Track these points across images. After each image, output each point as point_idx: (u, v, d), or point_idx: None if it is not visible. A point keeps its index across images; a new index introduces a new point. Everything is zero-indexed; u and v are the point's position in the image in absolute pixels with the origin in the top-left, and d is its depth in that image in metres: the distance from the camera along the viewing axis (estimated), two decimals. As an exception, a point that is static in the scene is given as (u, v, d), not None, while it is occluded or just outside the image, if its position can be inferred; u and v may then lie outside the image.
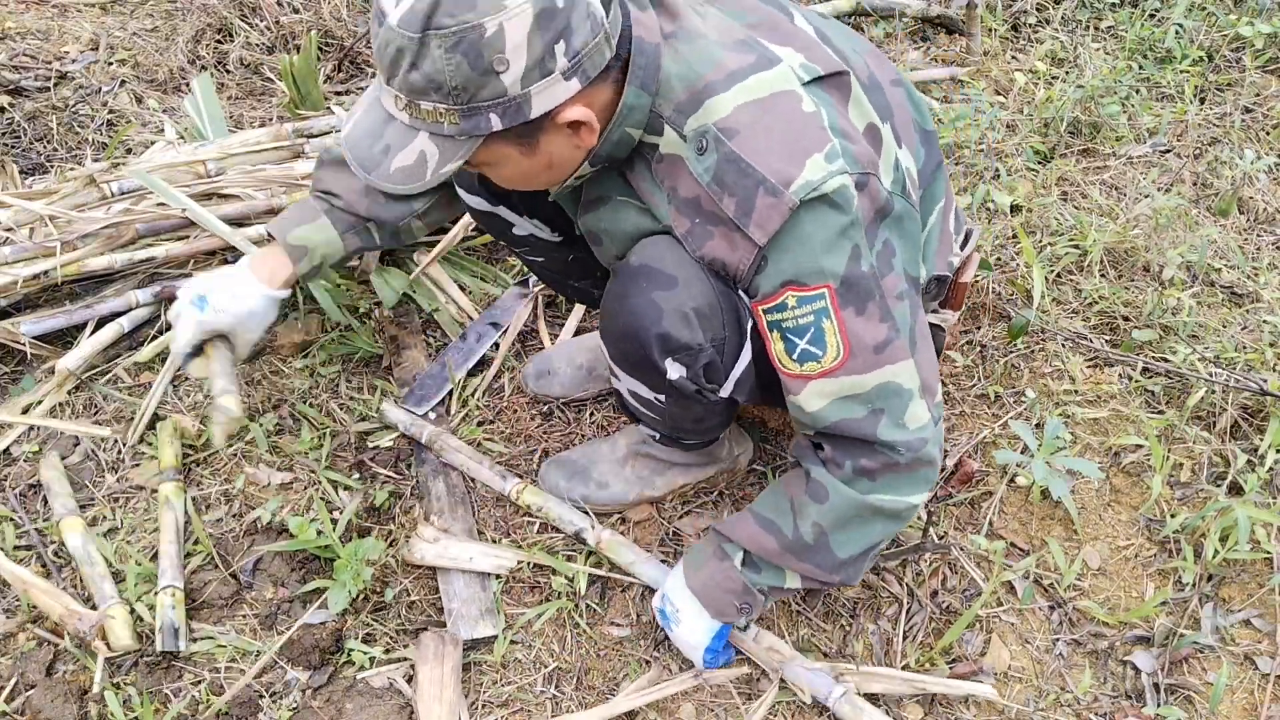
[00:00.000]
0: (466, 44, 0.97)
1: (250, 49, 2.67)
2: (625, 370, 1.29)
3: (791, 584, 1.31)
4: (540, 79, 1.01)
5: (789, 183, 1.06)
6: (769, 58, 1.13)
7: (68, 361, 1.73)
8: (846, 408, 1.16)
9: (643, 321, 1.18)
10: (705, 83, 1.11)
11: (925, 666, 1.47)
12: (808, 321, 1.12)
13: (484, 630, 1.47)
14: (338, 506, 1.63)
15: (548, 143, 1.10)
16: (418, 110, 1.03)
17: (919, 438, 1.18)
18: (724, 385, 1.27)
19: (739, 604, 1.33)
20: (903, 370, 1.16)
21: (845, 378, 1.15)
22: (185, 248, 1.85)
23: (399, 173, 1.07)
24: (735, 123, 1.09)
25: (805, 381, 1.16)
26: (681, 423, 1.39)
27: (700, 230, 1.15)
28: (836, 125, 1.11)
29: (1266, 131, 2.53)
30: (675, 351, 1.19)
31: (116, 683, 1.40)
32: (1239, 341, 1.92)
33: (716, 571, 1.34)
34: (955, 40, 2.90)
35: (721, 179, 1.10)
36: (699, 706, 1.42)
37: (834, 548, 1.23)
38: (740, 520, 1.32)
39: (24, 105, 2.40)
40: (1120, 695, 1.46)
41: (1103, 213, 2.23)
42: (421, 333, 1.95)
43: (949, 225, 1.41)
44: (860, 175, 1.10)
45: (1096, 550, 1.62)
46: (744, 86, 1.10)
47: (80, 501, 1.61)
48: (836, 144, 1.09)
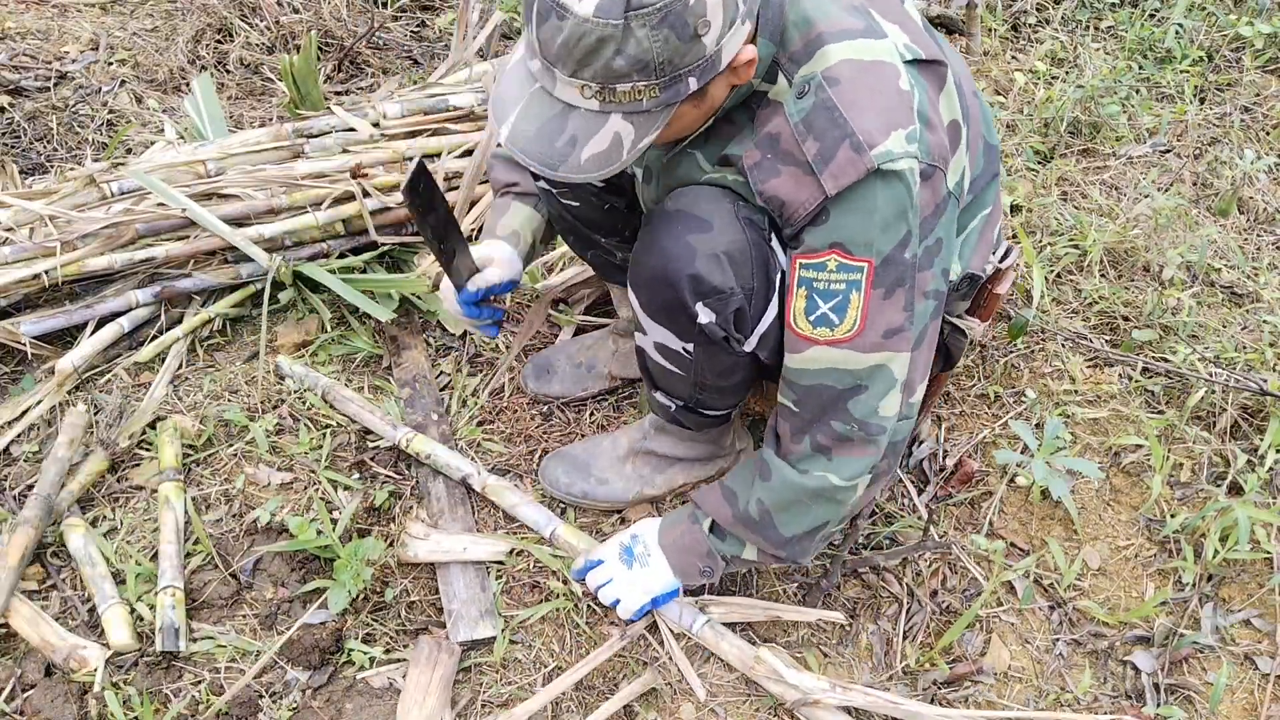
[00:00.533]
0: (673, 16, 0.96)
1: (250, 49, 2.67)
2: (655, 318, 1.30)
3: (749, 555, 1.37)
4: (729, 29, 1.02)
5: (873, 145, 1.07)
6: (878, 30, 1.14)
7: (67, 362, 1.73)
8: (834, 376, 1.19)
9: (676, 263, 1.19)
10: (817, 32, 1.12)
11: (925, 666, 1.48)
12: (839, 288, 1.14)
13: (484, 631, 1.47)
14: (337, 506, 1.63)
15: (715, 87, 1.09)
16: (613, 95, 1.02)
17: (880, 425, 1.22)
18: (750, 337, 1.27)
19: (701, 566, 1.39)
20: (898, 360, 1.19)
21: (848, 351, 1.17)
22: (185, 247, 1.85)
23: (592, 161, 1.06)
24: (838, 74, 1.10)
25: (811, 344, 1.18)
26: (706, 377, 1.39)
27: (769, 165, 1.15)
28: (924, 111, 1.13)
29: (1266, 131, 2.53)
30: (706, 295, 1.20)
31: (116, 683, 1.40)
32: (1239, 341, 1.92)
33: (686, 533, 1.41)
34: (955, 40, 2.90)
35: (811, 122, 1.10)
36: (699, 706, 1.42)
37: (778, 525, 1.29)
38: (710, 488, 1.39)
39: (24, 105, 2.40)
40: (1120, 695, 1.46)
41: (1103, 213, 2.23)
42: (421, 333, 1.95)
43: (991, 234, 1.43)
44: (928, 165, 1.12)
45: (1096, 550, 1.62)
46: (852, 45, 1.11)
47: (81, 502, 1.61)
48: (918, 128, 1.11)
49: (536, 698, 1.40)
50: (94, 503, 1.62)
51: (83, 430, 1.67)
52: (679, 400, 1.48)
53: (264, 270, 1.88)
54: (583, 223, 1.59)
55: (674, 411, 1.52)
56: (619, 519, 1.65)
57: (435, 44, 2.77)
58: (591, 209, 1.55)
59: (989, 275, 1.47)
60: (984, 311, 1.52)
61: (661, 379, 1.43)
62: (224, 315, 1.89)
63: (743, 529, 1.33)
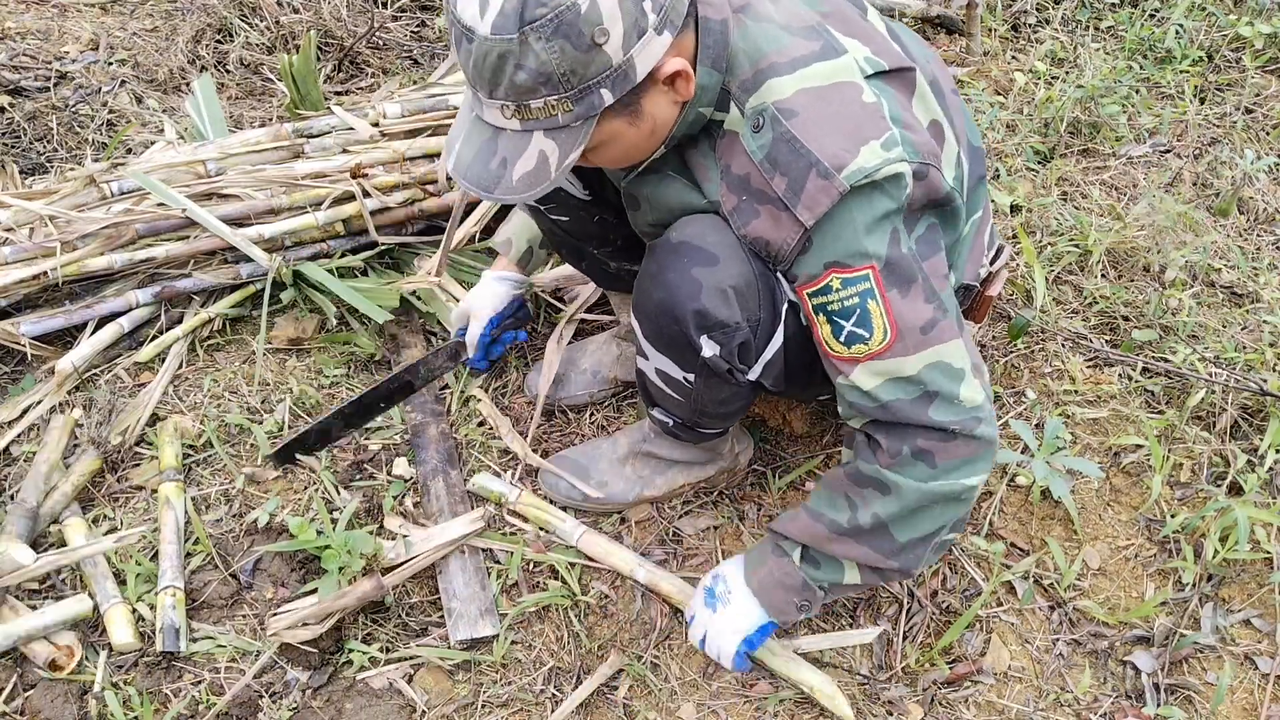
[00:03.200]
0: (565, 26, 0.97)
1: (250, 49, 2.67)
2: (657, 347, 1.29)
3: (850, 579, 1.29)
4: (638, 39, 1.02)
5: (841, 167, 1.07)
6: (835, 47, 1.13)
7: (67, 362, 1.73)
8: (899, 388, 1.15)
9: (680, 297, 1.18)
10: (769, 63, 1.12)
11: (925, 666, 1.48)
12: (853, 303, 1.12)
13: (484, 630, 1.47)
14: (337, 507, 1.63)
15: (650, 104, 1.10)
16: (528, 111, 1.03)
17: (973, 416, 1.16)
18: (754, 367, 1.27)
19: (799, 601, 1.32)
20: (952, 349, 1.15)
21: (894, 359, 1.14)
22: (185, 247, 1.85)
23: (523, 181, 1.08)
24: (794, 105, 1.10)
25: (854, 364, 1.16)
26: (705, 405, 1.38)
27: (747, 207, 1.15)
28: (898, 116, 1.12)
29: (1266, 131, 2.53)
30: (711, 329, 1.19)
31: (116, 683, 1.40)
32: (1239, 341, 1.92)
33: (776, 568, 1.33)
34: (955, 40, 2.90)
35: (775, 158, 1.10)
36: (699, 706, 1.42)
37: (894, 533, 1.22)
38: (793, 516, 1.33)
39: (24, 105, 2.40)
40: (1120, 695, 1.46)
41: (1103, 213, 2.23)
42: (421, 332, 1.95)
43: (983, 238, 1.43)
44: (920, 164, 1.11)
45: (1096, 550, 1.62)
46: (806, 73, 1.11)
47: (81, 502, 1.61)
48: (896, 133, 1.10)
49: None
50: (94, 502, 1.62)
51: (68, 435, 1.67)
52: (677, 418, 1.48)
53: (264, 270, 1.88)
54: (573, 235, 1.60)
55: (672, 427, 1.52)
56: (619, 519, 1.65)
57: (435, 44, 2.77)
58: (581, 222, 1.56)
59: (981, 279, 1.47)
60: (977, 314, 1.52)
61: (661, 400, 1.43)
62: (224, 315, 1.89)
63: (848, 543, 1.25)
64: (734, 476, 1.70)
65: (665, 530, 1.64)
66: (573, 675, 1.46)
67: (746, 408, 1.48)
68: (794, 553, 1.32)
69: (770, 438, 1.77)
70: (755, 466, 1.73)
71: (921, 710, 1.43)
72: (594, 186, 1.50)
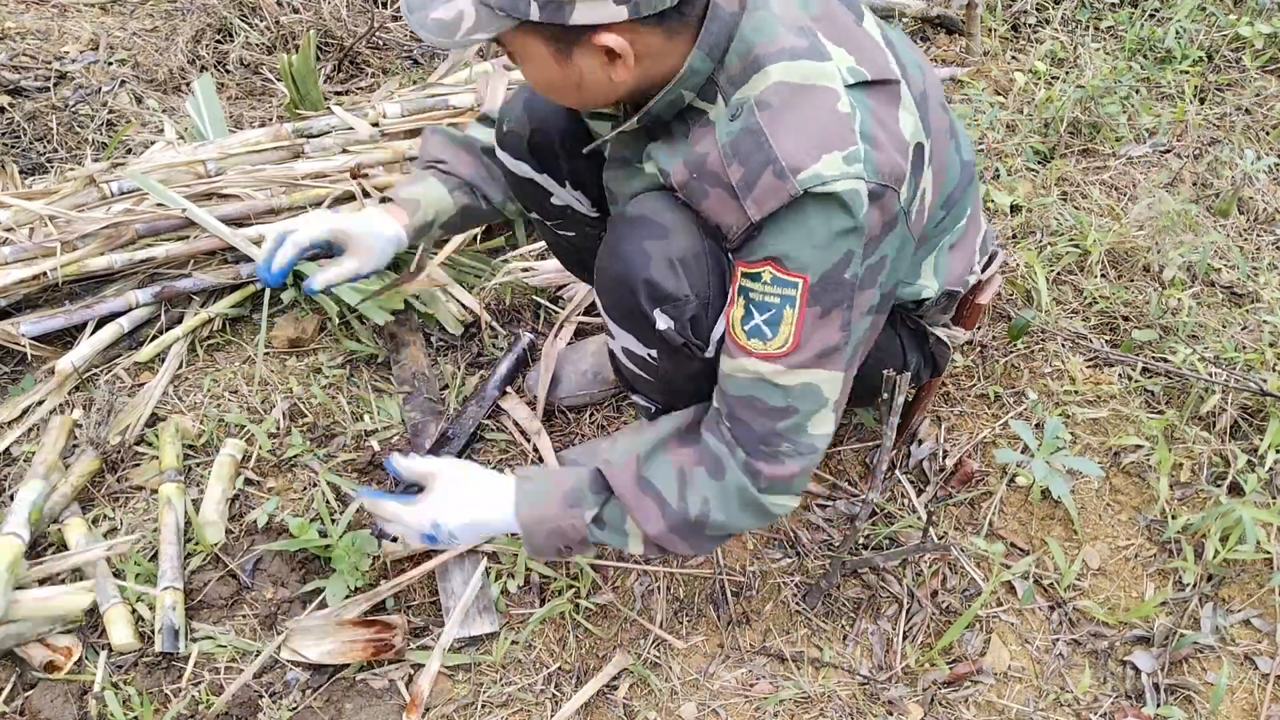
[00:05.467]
0: None
1: (250, 49, 2.67)
2: (618, 322, 1.30)
3: (633, 548, 1.26)
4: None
5: (798, 170, 1.06)
6: (821, 52, 1.13)
7: (67, 362, 1.73)
8: (764, 390, 1.16)
9: (632, 268, 1.19)
10: (755, 55, 1.11)
11: (925, 666, 1.48)
12: (773, 302, 1.12)
13: (483, 627, 1.47)
14: (338, 507, 1.63)
15: (580, 59, 1.09)
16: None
17: (811, 444, 1.19)
18: (708, 346, 1.27)
19: (562, 547, 1.27)
20: (831, 379, 1.17)
21: (778, 366, 1.15)
22: (185, 248, 1.85)
23: (434, 24, 1.07)
24: (769, 97, 1.09)
25: (743, 353, 1.16)
26: (676, 383, 1.36)
27: (697, 186, 1.15)
28: (868, 132, 1.11)
29: (1266, 131, 2.53)
30: (662, 300, 1.19)
31: (116, 683, 1.40)
32: (1239, 341, 1.92)
33: (561, 518, 1.25)
34: (955, 40, 2.90)
35: (737, 146, 1.10)
36: (700, 706, 1.42)
37: (711, 529, 1.21)
38: (627, 472, 1.24)
39: (24, 105, 2.40)
40: (1120, 695, 1.46)
41: (1103, 213, 2.23)
42: (420, 331, 1.95)
43: (972, 244, 1.42)
44: (877, 185, 1.10)
45: (1096, 550, 1.62)
46: (791, 66, 1.10)
47: (81, 502, 1.61)
48: (861, 149, 1.09)
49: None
50: (94, 502, 1.62)
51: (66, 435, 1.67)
52: (655, 403, 1.48)
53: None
54: (577, 250, 1.61)
55: (653, 414, 1.50)
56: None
57: (435, 44, 2.76)
58: (586, 238, 1.57)
59: (970, 286, 1.47)
60: (967, 321, 1.52)
61: (635, 382, 1.43)
62: (224, 315, 1.89)
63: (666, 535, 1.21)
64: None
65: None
66: (573, 675, 1.46)
67: None
68: (590, 510, 1.24)
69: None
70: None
71: (921, 710, 1.43)
72: (601, 205, 1.51)
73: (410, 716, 1.38)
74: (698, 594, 1.56)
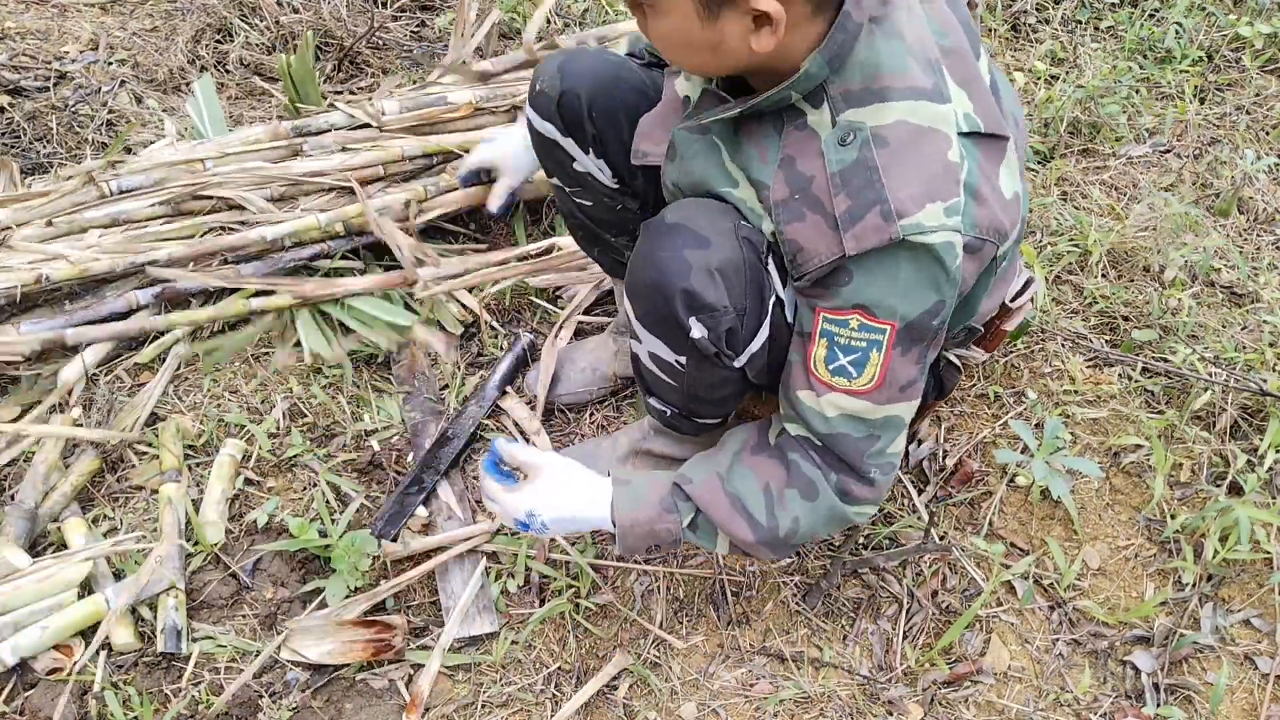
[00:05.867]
0: None
1: (250, 49, 2.67)
2: (649, 328, 1.30)
3: (721, 550, 1.33)
4: None
5: (903, 215, 1.06)
6: (943, 94, 1.11)
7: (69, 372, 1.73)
8: (852, 425, 1.21)
9: (671, 276, 1.18)
10: (884, 84, 1.09)
11: (925, 666, 1.48)
12: (860, 346, 1.15)
13: (483, 627, 1.47)
14: (338, 507, 1.63)
15: (727, 22, 1.06)
16: None
17: (890, 463, 1.25)
18: (740, 356, 1.28)
19: (653, 546, 1.31)
20: (909, 407, 1.22)
21: (864, 402, 1.19)
22: (187, 249, 1.85)
23: None
24: (889, 134, 1.08)
25: (829, 390, 1.19)
26: (698, 390, 1.38)
27: (795, 206, 1.14)
28: (973, 184, 1.11)
29: (1266, 131, 2.53)
30: (699, 310, 1.19)
31: (116, 683, 1.40)
32: (1239, 341, 1.92)
33: (657, 521, 1.29)
34: (955, 40, 2.90)
35: (848, 178, 1.09)
36: (700, 706, 1.43)
37: (796, 541, 1.28)
38: (714, 492, 1.28)
39: (24, 105, 2.40)
40: (1120, 695, 1.46)
41: (1103, 213, 2.23)
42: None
43: (1009, 280, 1.43)
44: (974, 239, 1.11)
45: (1096, 550, 1.62)
46: (914, 105, 1.09)
47: (81, 501, 1.61)
48: (962, 200, 1.09)
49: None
50: (94, 502, 1.62)
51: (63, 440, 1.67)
52: (673, 407, 1.48)
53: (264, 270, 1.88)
54: (593, 221, 1.59)
55: (669, 417, 1.51)
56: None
57: (435, 44, 2.76)
58: (604, 209, 1.56)
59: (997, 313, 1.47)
60: (989, 344, 1.51)
61: (655, 386, 1.43)
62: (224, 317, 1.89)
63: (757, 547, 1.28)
64: (734, 477, 1.70)
65: (665, 530, 1.64)
66: (573, 675, 1.46)
67: (740, 396, 1.47)
68: (686, 516, 1.29)
69: (770, 438, 1.77)
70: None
71: (921, 710, 1.43)
72: (623, 175, 1.51)
73: (410, 716, 1.38)
74: (698, 594, 1.56)
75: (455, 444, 1.70)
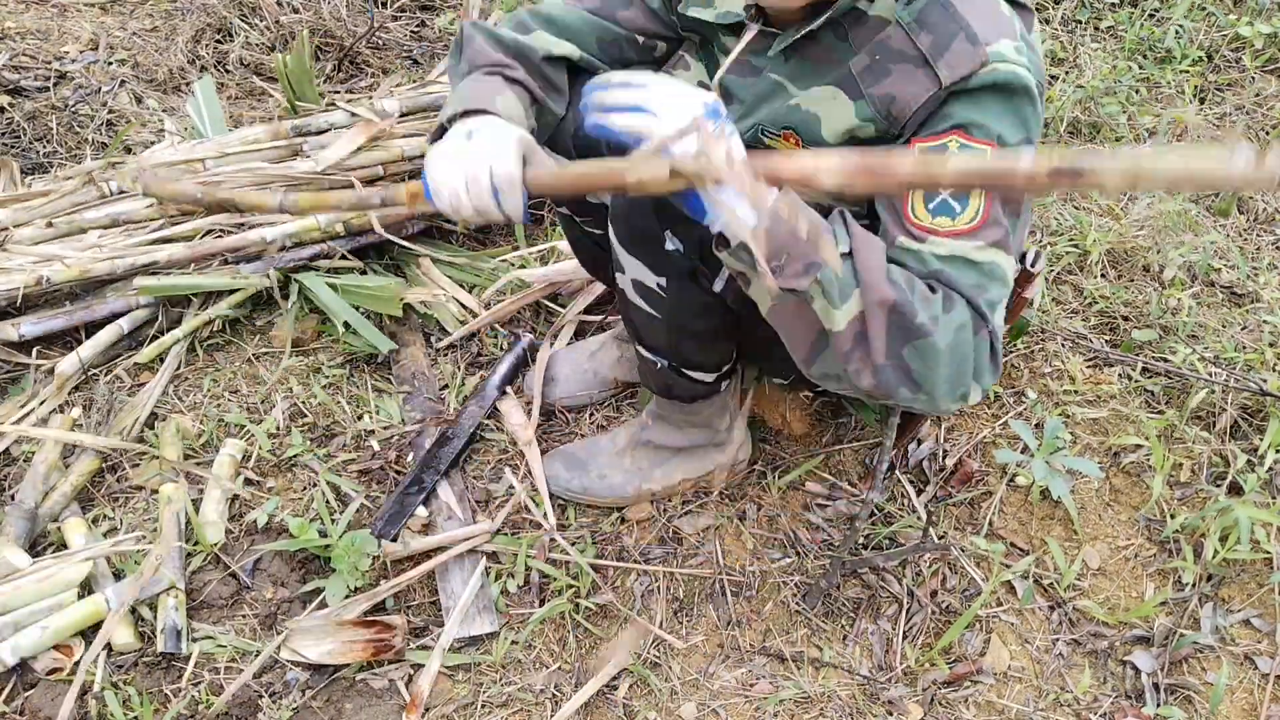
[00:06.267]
0: None
1: (250, 49, 2.67)
2: (630, 250, 1.31)
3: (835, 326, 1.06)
4: None
5: (988, 42, 1.09)
6: None
7: (67, 363, 1.73)
8: (964, 269, 1.11)
9: None
10: None
11: (925, 666, 1.48)
12: None
13: (482, 627, 1.47)
14: (338, 507, 1.63)
15: None
16: None
17: (997, 325, 1.12)
18: (718, 278, 1.28)
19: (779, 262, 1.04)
20: (1009, 264, 1.13)
21: (970, 241, 1.11)
22: (187, 250, 1.85)
23: None
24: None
25: (931, 234, 1.11)
26: (681, 317, 1.35)
27: (879, 67, 1.15)
28: (1026, 37, 1.14)
29: (1266, 131, 2.53)
30: (674, 221, 1.22)
31: (116, 683, 1.40)
32: (1239, 341, 1.92)
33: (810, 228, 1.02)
34: (955, 40, 2.90)
35: (924, 18, 1.12)
36: (700, 706, 1.42)
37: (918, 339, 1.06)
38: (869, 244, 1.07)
39: (24, 105, 2.40)
40: (1120, 695, 1.46)
41: (1103, 213, 2.23)
42: (420, 330, 1.95)
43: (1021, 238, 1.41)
44: (1038, 82, 1.13)
45: (1096, 550, 1.62)
46: None
47: (81, 501, 1.61)
48: (1024, 45, 1.12)
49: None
50: (94, 502, 1.62)
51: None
52: (662, 357, 1.46)
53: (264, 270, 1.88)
54: (602, 248, 1.60)
55: (661, 371, 1.47)
56: (619, 518, 1.65)
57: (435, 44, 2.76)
58: None
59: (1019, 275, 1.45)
60: (1011, 315, 1.51)
61: (642, 326, 1.42)
62: (224, 316, 1.89)
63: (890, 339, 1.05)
64: (733, 475, 1.70)
65: (665, 529, 1.64)
66: (573, 675, 1.46)
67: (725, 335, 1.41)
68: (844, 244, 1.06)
69: (770, 437, 1.77)
70: (755, 466, 1.72)
71: (921, 710, 1.43)
72: None
73: (410, 716, 1.38)
74: (698, 594, 1.56)
75: (455, 444, 1.70)
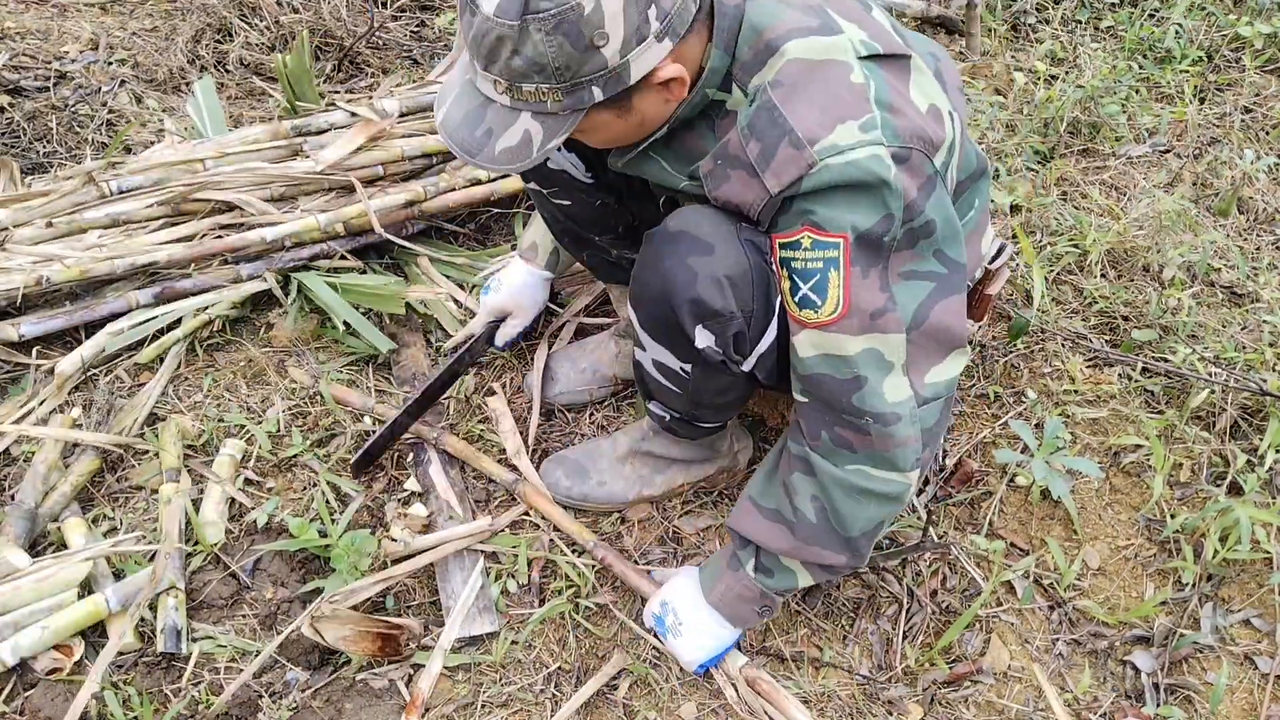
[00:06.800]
0: (567, 25, 0.98)
1: (250, 49, 2.67)
2: (654, 337, 1.30)
3: (804, 581, 1.33)
4: (637, 45, 1.03)
5: (815, 141, 1.07)
6: (832, 27, 1.14)
7: (67, 363, 1.73)
8: (831, 364, 1.16)
9: (677, 286, 1.19)
10: (765, 40, 1.13)
11: (925, 666, 1.48)
12: (816, 267, 1.12)
13: (483, 627, 1.47)
14: (338, 507, 1.63)
15: (641, 102, 1.12)
16: (519, 93, 1.05)
17: (893, 412, 1.17)
18: (748, 358, 1.27)
19: (758, 609, 1.37)
20: (892, 341, 1.16)
21: (835, 334, 1.15)
22: (187, 250, 1.85)
23: (504, 154, 1.10)
24: (783, 75, 1.11)
25: (802, 327, 1.17)
26: (703, 396, 1.38)
27: (720, 172, 1.17)
28: (884, 99, 1.11)
29: (1266, 131, 2.53)
30: (706, 318, 1.20)
31: (116, 683, 1.40)
32: (1239, 341, 1.92)
33: (734, 583, 1.36)
34: (955, 40, 2.90)
35: (754, 125, 1.12)
36: (700, 706, 1.42)
37: (843, 525, 1.23)
38: (746, 513, 1.33)
39: (24, 105, 2.40)
40: (1120, 695, 1.46)
41: (1103, 213, 2.23)
42: (420, 330, 1.95)
43: (979, 240, 1.42)
44: (900, 148, 1.10)
45: (1096, 550, 1.62)
46: (801, 44, 1.11)
47: (81, 501, 1.61)
48: (877, 115, 1.09)
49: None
50: (94, 502, 1.62)
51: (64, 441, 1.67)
52: (674, 412, 1.48)
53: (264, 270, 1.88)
54: (576, 222, 1.60)
55: (669, 421, 1.51)
56: (619, 518, 1.65)
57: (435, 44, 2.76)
58: (583, 206, 1.56)
59: (979, 278, 1.46)
60: (977, 312, 1.52)
61: (658, 393, 1.43)
62: (224, 316, 1.89)
63: (806, 549, 1.26)
64: (734, 476, 1.70)
65: (665, 530, 1.64)
66: (573, 675, 1.46)
67: (744, 400, 1.48)
68: (748, 564, 1.34)
69: (770, 438, 1.77)
70: (755, 466, 1.73)
71: (921, 710, 1.43)
72: (596, 170, 1.51)
73: (410, 716, 1.38)
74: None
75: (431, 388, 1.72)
